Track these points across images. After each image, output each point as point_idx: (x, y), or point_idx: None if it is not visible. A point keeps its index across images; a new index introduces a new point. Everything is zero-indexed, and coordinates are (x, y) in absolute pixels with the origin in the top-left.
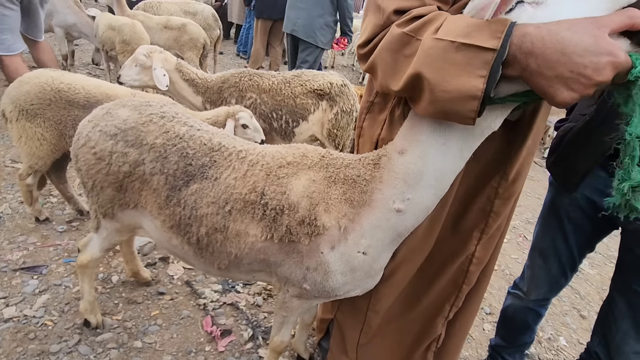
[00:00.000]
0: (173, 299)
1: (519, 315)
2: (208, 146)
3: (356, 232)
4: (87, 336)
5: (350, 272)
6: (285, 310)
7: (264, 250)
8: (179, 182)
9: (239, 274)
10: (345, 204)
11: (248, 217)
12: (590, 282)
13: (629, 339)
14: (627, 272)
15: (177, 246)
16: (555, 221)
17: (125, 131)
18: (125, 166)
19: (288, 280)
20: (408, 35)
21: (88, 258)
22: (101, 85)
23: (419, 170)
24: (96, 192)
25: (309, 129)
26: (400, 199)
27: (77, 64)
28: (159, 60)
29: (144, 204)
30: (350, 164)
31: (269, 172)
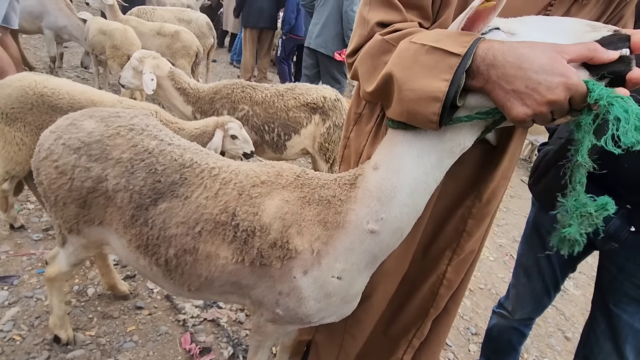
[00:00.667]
0: (151, 313)
1: (504, 335)
2: (179, 162)
3: (330, 256)
4: (57, 353)
5: (324, 298)
6: (260, 334)
7: (235, 273)
8: (145, 201)
9: (210, 295)
10: (318, 226)
11: (219, 239)
12: (574, 303)
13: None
14: (604, 292)
15: (145, 267)
16: (538, 240)
17: (89, 145)
18: (88, 182)
19: (261, 304)
20: (388, 42)
21: (56, 271)
22: (86, 91)
23: (392, 186)
24: (59, 207)
25: (300, 143)
26: (374, 219)
27: (66, 67)
28: (149, 65)
29: (109, 221)
30: (326, 184)
31: (241, 191)
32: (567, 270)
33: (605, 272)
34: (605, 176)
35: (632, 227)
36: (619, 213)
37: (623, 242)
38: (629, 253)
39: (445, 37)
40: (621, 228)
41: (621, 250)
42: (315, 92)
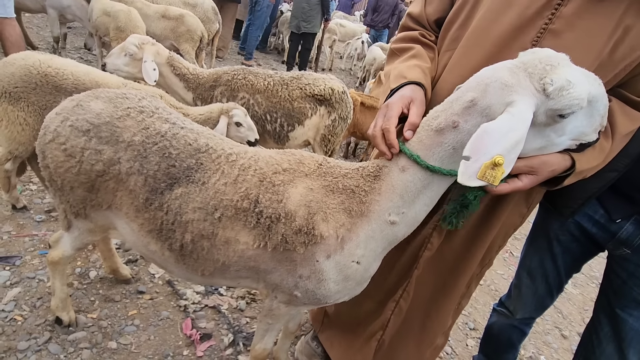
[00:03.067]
0: (153, 298)
1: (504, 333)
2: (194, 147)
3: (352, 242)
4: (59, 334)
5: (343, 281)
6: (272, 317)
7: (254, 258)
8: (160, 185)
9: (223, 280)
10: (343, 214)
11: (239, 225)
12: (572, 302)
13: None
14: (611, 296)
15: (155, 252)
16: (545, 242)
17: (98, 126)
18: (99, 165)
19: (277, 287)
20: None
21: (59, 255)
22: (91, 72)
23: (417, 190)
24: (66, 191)
25: (304, 134)
26: (395, 213)
27: (69, 48)
28: (150, 53)
29: (118, 205)
30: (348, 173)
31: (262, 178)
32: (571, 271)
33: (614, 276)
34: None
35: None
36: (633, 219)
37: (635, 248)
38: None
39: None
40: (634, 234)
41: (633, 256)
42: (322, 84)
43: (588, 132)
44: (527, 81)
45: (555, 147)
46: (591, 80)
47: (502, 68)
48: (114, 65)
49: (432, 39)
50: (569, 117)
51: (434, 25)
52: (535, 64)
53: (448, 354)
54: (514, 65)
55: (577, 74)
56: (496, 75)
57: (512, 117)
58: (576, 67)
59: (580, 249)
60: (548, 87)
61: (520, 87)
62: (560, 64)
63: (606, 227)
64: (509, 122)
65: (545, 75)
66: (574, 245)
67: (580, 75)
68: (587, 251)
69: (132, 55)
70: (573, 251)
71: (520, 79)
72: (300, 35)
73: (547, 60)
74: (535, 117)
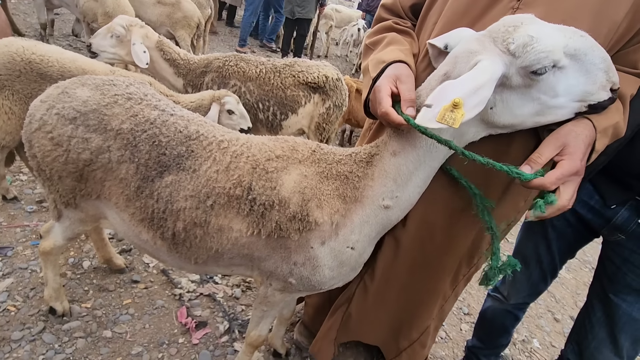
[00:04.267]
0: (147, 287)
1: (498, 318)
2: (184, 134)
3: (347, 228)
4: (53, 324)
5: (338, 267)
6: (267, 304)
7: (248, 246)
8: (151, 173)
9: (216, 268)
10: (337, 200)
11: (232, 212)
12: (565, 286)
13: (604, 348)
14: (605, 281)
15: (147, 241)
16: (539, 228)
17: (85, 114)
18: (86, 153)
19: (272, 275)
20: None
21: (51, 245)
22: (77, 60)
23: (409, 172)
24: (55, 181)
25: (297, 122)
26: (389, 197)
27: (57, 35)
28: (138, 35)
29: (107, 195)
30: (342, 159)
31: (255, 165)
32: (566, 257)
33: (608, 262)
34: (617, 168)
35: None
36: (628, 205)
37: (630, 234)
38: (636, 245)
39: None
40: (629, 220)
41: (627, 241)
42: (316, 71)
43: (592, 90)
44: (491, 45)
45: (556, 110)
46: (569, 34)
47: (470, 40)
48: (100, 46)
49: (407, 25)
50: (549, 75)
51: (409, 12)
52: (498, 29)
53: (442, 338)
54: (480, 35)
55: (544, 29)
56: (464, 47)
57: (473, 70)
58: (544, 24)
59: (575, 234)
60: (510, 46)
61: (485, 51)
62: (523, 23)
63: (601, 213)
64: (470, 74)
65: (507, 37)
66: (568, 231)
67: (548, 30)
68: (581, 237)
69: (119, 36)
70: (568, 237)
71: (486, 44)
72: (294, 21)
73: (510, 23)
74: (510, 80)
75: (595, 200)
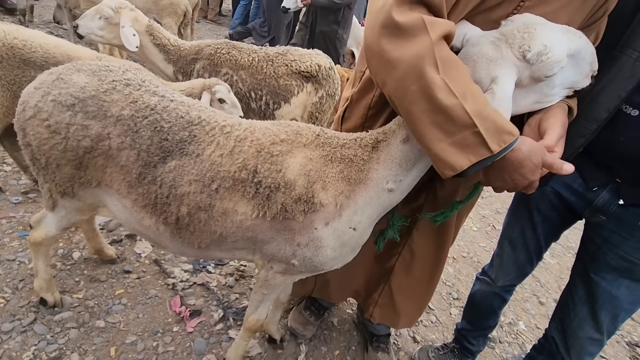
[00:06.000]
0: (140, 277)
1: (486, 300)
2: (186, 119)
3: (350, 209)
4: (44, 315)
5: (340, 247)
6: (267, 287)
7: (252, 228)
8: (153, 159)
9: (218, 252)
10: (342, 182)
11: (237, 195)
12: (550, 271)
13: (585, 324)
14: (587, 261)
15: (149, 227)
16: (525, 212)
17: (84, 101)
18: (86, 140)
19: (274, 257)
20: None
21: (42, 236)
22: (61, 45)
23: (415, 159)
24: (51, 170)
25: (290, 112)
26: (393, 180)
27: (37, 22)
28: (128, 18)
29: (109, 182)
30: (346, 143)
31: (260, 148)
32: (551, 239)
33: (590, 243)
34: (599, 152)
35: (620, 200)
36: (608, 187)
37: (610, 215)
38: (616, 226)
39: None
40: (610, 201)
41: (608, 222)
42: (309, 60)
43: (579, 80)
44: (508, 52)
45: (550, 98)
46: (570, 36)
47: (486, 42)
48: (88, 28)
49: None
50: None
51: None
52: (514, 34)
53: (432, 322)
54: (495, 38)
55: (554, 34)
56: (482, 52)
57: (493, 96)
58: (554, 27)
59: (559, 217)
60: (527, 54)
61: (503, 60)
62: (537, 29)
63: (584, 195)
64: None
65: (523, 44)
66: (553, 214)
67: (557, 34)
68: (565, 219)
69: (107, 19)
70: (552, 220)
71: (503, 51)
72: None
73: (524, 28)
74: (521, 81)
75: (578, 183)
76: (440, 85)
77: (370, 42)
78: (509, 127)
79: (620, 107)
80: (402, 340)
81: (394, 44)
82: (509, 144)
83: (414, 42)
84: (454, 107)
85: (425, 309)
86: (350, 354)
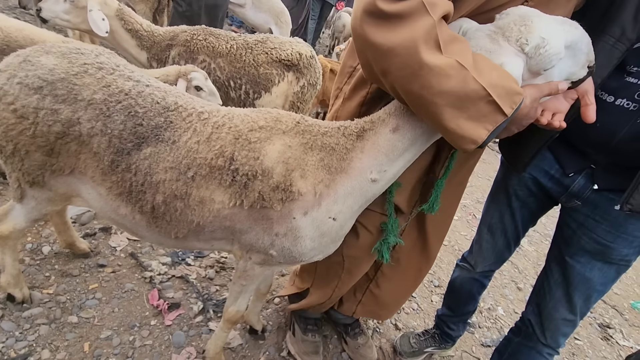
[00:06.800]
0: (115, 271)
1: (465, 285)
2: (162, 105)
3: (330, 198)
4: (12, 311)
5: (319, 237)
6: (246, 278)
7: (230, 217)
8: (126, 145)
9: (196, 242)
10: (322, 170)
11: (214, 184)
12: (528, 258)
13: (560, 306)
14: (562, 245)
15: (125, 216)
16: (504, 198)
17: (53, 83)
18: (57, 125)
19: (252, 247)
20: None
21: (10, 229)
22: (24, 29)
23: (403, 149)
24: (19, 157)
25: (271, 102)
26: (377, 170)
27: (2, 7)
28: (96, 2)
29: (82, 169)
30: (328, 131)
31: (237, 135)
32: (528, 225)
33: (565, 227)
34: (575, 138)
35: (594, 185)
36: (584, 172)
37: (585, 199)
38: (590, 210)
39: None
40: (585, 187)
41: (583, 207)
42: (289, 48)
43: (576, 71)
44: (506, 44)
45: None
46: (567, 27)
47: (482, 36)
48: (52, 12)
49: None
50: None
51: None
52: (511, 27)
53: (414, 309)
54: (491, 32)
55: (551, 26)
56: (480, 45)
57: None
58: (550, 18)
59: (537, 203)
60: (525, 47)
61: (502, 50)
62: (533, 21)
63: (560, 181)
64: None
65: (520, 37)
66: (530, 199)
67: (554, 26)
68: (542, 205)
69: (73, 1)
70: (530, 205)
71: (500, 43)
72: None
73: (520, 21)
74: (521, 76)
75: (555, 169)
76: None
77: (361, 33)
78: (515, 87)
79: (596, 93)
80: (384, 327)
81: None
82: (519, 104)
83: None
84: (467, 81)
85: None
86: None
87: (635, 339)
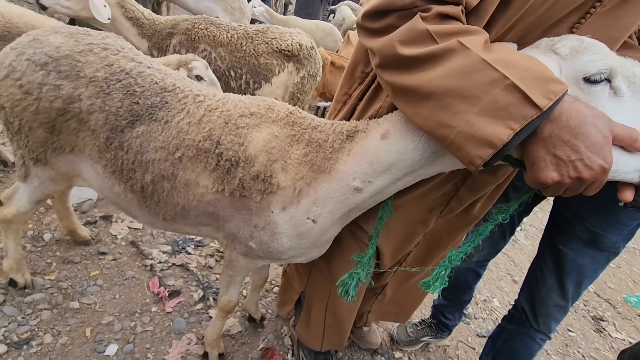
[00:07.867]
0: (116, 259)
1: (461, 275)
2: (160, 85)
3: (310, 197)
4: (14, 296)
5: (297, 237)
6: (232, 269)
7: (213, 203)
8: (121, 122)
9: (184, 226)
10: (305, 166)
11: (200, 166)
12: (523, 252)
13: (553, 293)
14: (555, 234)
15: (119, 194)
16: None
17: (57, 60)
18: (58, 102)
19: (235, 237)
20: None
21: (13, 212)
22: (25, 15)
23: (390, 162)
24: (24, 133)
25: (272, 92)
26: (361, 179)
27: None
28: None
29: (81, 147)
30: (319, 126)
31: (227, 120)
32: (523, 215)
33: (559, 216)
34: None
35: None
36: None
37: None
38: (584, 199)
39: (532, 75)
40: None
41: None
42: (290, 38)
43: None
44: (535, 52)
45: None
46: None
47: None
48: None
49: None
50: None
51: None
52: (540, 41)
53: None
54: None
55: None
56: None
57: None
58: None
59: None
60: (558, 49)
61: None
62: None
63: None
64: None
65: (550, 43)
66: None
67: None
68: (537, 195)
69: None
70: None
71: (528, 51)
72: None
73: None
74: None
75: None
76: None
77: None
78: (550, 73)
79: None
80: None
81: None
82: (560, 95)
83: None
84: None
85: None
86: None
87: (627, 332)
